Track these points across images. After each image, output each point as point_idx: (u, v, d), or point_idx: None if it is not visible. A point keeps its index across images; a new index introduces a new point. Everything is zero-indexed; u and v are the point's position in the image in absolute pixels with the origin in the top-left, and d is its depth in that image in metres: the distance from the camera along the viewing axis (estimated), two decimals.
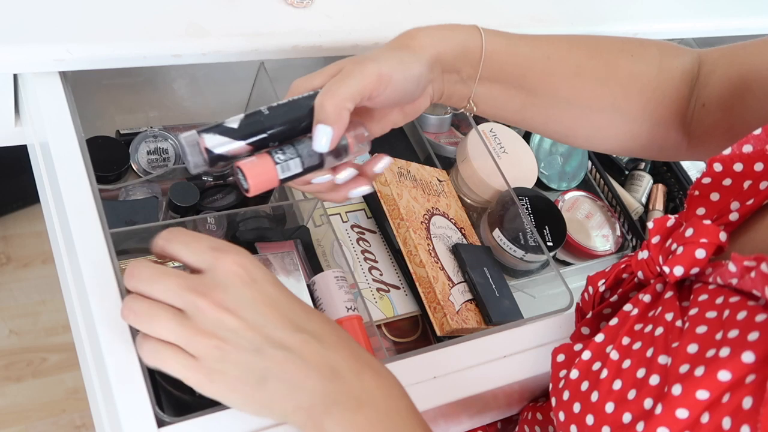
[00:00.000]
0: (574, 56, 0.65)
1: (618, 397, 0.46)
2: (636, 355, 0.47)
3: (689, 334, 0.44)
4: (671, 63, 0.67)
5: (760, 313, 0.42)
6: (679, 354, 0.44)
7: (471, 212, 0.86)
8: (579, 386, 0.49)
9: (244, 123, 0.51)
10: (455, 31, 0.62)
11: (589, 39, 0.68)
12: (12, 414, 1.32)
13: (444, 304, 0.72)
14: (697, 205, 0.55)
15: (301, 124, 0.53)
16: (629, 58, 0.66)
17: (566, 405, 0.50)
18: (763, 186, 0.52)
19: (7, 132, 0.70)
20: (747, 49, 0.64)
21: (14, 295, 1.44)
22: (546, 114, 0.67)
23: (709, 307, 0.45)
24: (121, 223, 0.71)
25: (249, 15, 0.68)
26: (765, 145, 0.52)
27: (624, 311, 0.52)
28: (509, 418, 0.69)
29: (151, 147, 0.79)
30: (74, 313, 0.59)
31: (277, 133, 0.52)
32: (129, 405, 0.49)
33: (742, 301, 0.44)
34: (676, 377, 0.43)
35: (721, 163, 0.53)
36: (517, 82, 0.64)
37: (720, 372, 0.40)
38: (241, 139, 0.51)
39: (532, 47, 0.64)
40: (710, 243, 0.48)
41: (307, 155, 0.53)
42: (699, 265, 0.49)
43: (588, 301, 0.59)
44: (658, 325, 0.48)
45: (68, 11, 0.61)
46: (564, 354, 0.55)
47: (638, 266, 0.54)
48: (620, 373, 0.47)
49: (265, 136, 0.52)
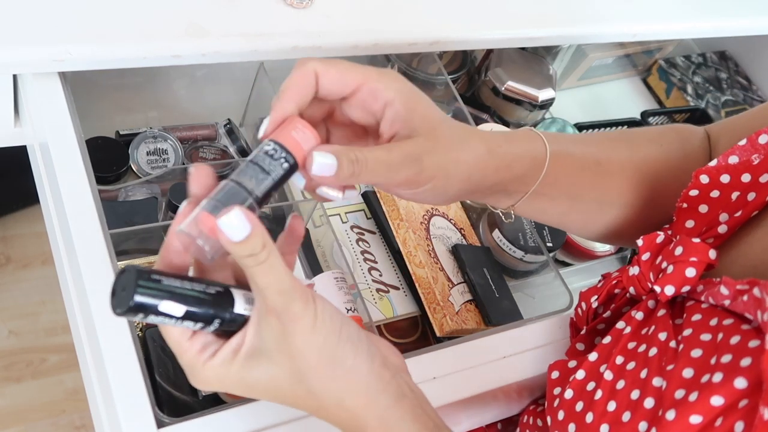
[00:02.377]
0: (617, 154, 0.61)
1: (612, 419, 0.46)
2: (630, 375, 0.48)
3: (684, 358, 0.44)
4: (692, 144, 0.65)
5: (753, 339, 0.42)
6: (674, 378, 0.44)
7: (471, 213, 0.86)
8: (574, 406, 0.50)
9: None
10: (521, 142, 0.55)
11: (622, 134, 0.65)
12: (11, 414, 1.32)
13: (443, 305, 0.72)
14: (686, 217, 0.54)
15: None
16: (658, 147, 0.63)
17: (561, 425, 0.50)
18: (751, 197, 0.52)
19: (7, 132, 0.70)
20: (747, 118, 0.63)
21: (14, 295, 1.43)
22: (587, 217, 0.63)
23: (703, 329, 0.45)
24: (120, 223, 0.71)
25: (249, 15, 0.68)
26: (751, 155, 0.52)
27: (617, 329, 0.52)
28: (509, 418, 0.69)
29: (151, 147, 0.79)
30: (74, 313, 0.59)
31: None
32: (128, 406, 0.49)
33: (735, 325, 0.44)
34: (672, 402, 0.43)
35: (707, 175, 0.53)
36: (566, 192, 0.59)
37: (713, 397, 0.41)
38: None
39: (584, 151, 0.59)
40: (700, 261, 0.49)
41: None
42: (690, 284, 0.49)
43: (582, 317, 0.59)
44: (652, 346, 0.48)
45: (68, 12, 0.61)
46: (558, 371, 0.55)
47: (629, 282, 0.54)
48: (614, 394, 0.47)
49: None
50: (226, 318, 0.42)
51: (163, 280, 0.40)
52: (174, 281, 0.40)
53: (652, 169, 0.61)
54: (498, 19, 0.80)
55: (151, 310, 0.39)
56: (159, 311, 0.39)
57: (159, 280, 0.40)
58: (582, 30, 0.85)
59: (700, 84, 1.20)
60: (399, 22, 0.74)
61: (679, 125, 0.67)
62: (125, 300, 0.38)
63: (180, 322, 0.41)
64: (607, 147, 0.61)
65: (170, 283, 0.40)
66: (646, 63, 1.20)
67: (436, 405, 0.57)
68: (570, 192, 0.59)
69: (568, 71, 1.10)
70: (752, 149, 0.53)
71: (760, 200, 0.52)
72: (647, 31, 0.90)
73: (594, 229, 0.64)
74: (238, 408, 0.53)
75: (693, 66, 1.22)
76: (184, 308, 0.40)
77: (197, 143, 0.83)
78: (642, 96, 1.21)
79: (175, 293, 0.40)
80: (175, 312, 0.40)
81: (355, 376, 0.44)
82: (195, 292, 0.41)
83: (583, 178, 0.59)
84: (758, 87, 1.24)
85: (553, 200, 0.58)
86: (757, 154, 0.52)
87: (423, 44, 0.74)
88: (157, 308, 0.39)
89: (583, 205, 0.61)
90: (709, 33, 0.96)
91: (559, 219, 0.62)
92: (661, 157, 0.62)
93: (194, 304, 0.41)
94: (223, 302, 0.42)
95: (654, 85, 1.21)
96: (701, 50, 1.27)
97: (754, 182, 0.52)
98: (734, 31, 0.98)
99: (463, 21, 0.77)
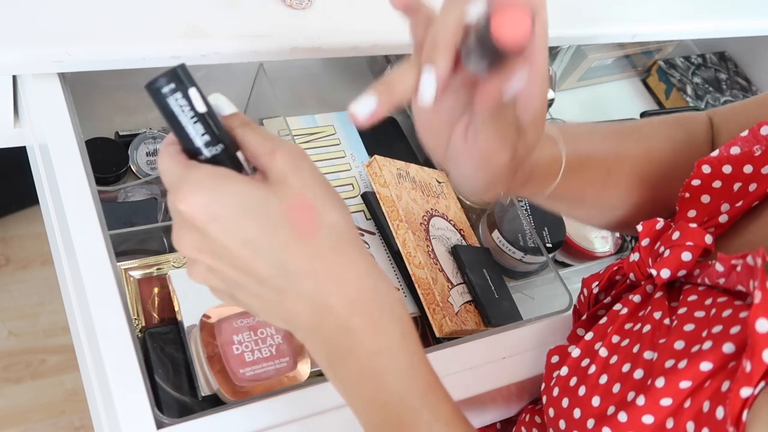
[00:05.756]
0: (627, 151, 0.62)
1: (603, 391, 0.47)
2: (623, 351, 0.48)
3: (677, 332, 0.45)
4: (697, 136, 0.65)
5: (744, 311, 0.42)
6: (665, 350, 0.45)
7: (470, 213, 0.86)
8: (568, 382, 0.50)
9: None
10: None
11: (633, 129, 0.65)
12: (11, 415, 1.32)
13: (443, 306, 0.72)
14: (688, 207, 0.55)
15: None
16: (666, 142, 0.64)
17: (555, 401, 0.50)
18: (752, 188, 0.52)
19: (7, 133, 0.70)
20: (750, 106, 0.63)
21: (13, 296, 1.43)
22: (590, 215, 0.65)
23: (697, 307, 0.46)
24: (120, 224, 0.71)
25: (248, 16, 0.68)
26: (753, 146, 0.53)
27: (614, 311, 0.53)
28: (509, 419, 0.69)
29: (150, 148, 0.79)
30: (73, 314, 0.59)
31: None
32: (128, 406, 0.49)
33: (729, 301, 0.45)
34: (661, 371, 0.43)
35: (709, 165, 0.54)
36: (572, 197, 0.60)
37: (702, 363, 0.41)
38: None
39: (596, 153, 0.60)
40: (696, 246, 0.49)
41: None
42: (685, 268, 0.50)
43: (584, 303, 0.60)
44: (647, 323, 0.49)
45: (67, 13, 0.61)
46: (558, 355, 0.55)
47: (630, 268, 0.54)
48: (607, 368, 0.48)
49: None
50: (228, 151, 0.42)
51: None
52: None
53: (659, 165, 0.62)
54: None
55: (181, 88, 0.41)
56: (187, 94, 0.41)
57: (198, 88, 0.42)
58: (581, 31, 0.85)
59: (700, 85, 1.20)
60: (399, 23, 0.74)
61: (684, 115, 0.67)
62: (167, 71, 0.41)
63: (194, 120, 0.41)
64: (618, 144, 0.62)
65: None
66: (645, 64, 1.20)
67: None
68: (576, 197, 0.60)
69: (568, 72, 1.10)
70: (754, 140, 0.53)
71: (761, 191, 0.52)
72: (647, 32, 0.90)
73: (597, 224, 0.66)
74: (237, 409, 0.53)
75: (692, 67, 1.22)
76: (205, 108, 0.42)
77: None
78: (641, 97, 1.21)
79: (204, 97, 0.42)
80: (197, 104, 0.41)
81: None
82: (218, 119, 0.43)
83: (592, 189, 0.60)
84: (758, 88, 1.24)
85: (558, 200, 0.60)
86: (758, 145, 0.53)
87: None
88: (187, 90, 0.41)
89: (588, 209, 0.63)
90: (709, 34, 0.96)
91: (563, 213, 0.64)
92: (669, 155, 0.63)
93: (214, 116, 0.42)
94: (233, 141, 0.43)
95: (653, 86, 1.21)
96: (701, 51, 1.27)
97: (756, 173, 0.52)
98: (734, 32, 0.98)
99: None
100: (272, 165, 0.41)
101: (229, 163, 0.42)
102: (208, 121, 0.42)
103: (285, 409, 0.54)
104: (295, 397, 0.55)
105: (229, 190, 0.39)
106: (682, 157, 0.63)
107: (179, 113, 0.41)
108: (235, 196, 0.39)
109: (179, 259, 0.71)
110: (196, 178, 0.39)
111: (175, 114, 0.41)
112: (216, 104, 0.43)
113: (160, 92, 0.41)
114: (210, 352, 0.61)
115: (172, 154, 0.41)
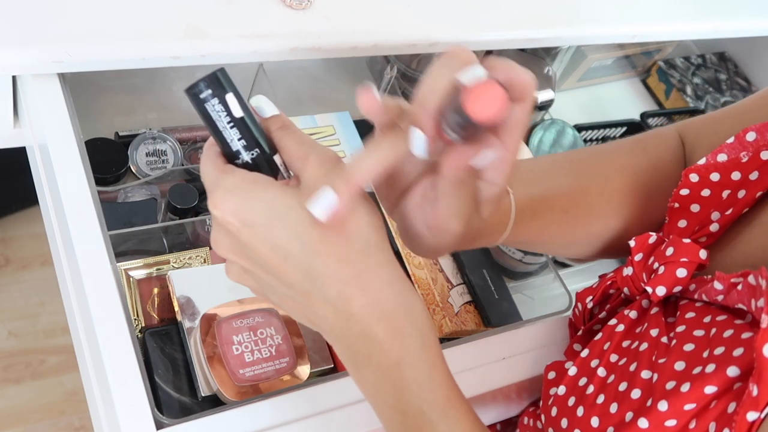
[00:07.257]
0: (583, 202, 0.60)
1: (601, 411, 0.46)
2: (620, 370, 0.48)
3: (676, 352, 0.45)
4: (665, 159, 0.62)
5: (746, 332, 0.42)
6: (665, 370, 0.44)
7: None
8: (566, 402, 0.50)
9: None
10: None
11: (592, 155, 0.63)
12: (11, 416, 1.32)
13: (443, 306, 0.72)
14: (679, 217, 0.55)
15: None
16: (633, 162, 0.62)
17: (554, 421, 0.50)
18: (741, 195, 0.52)
19: (6, 134, 0.70)
20: (721, 118, 0.62)
21: (13, 296, 1.43)
22: (552, 251, 0.65)
23: (696, 325, 0.46)
24: (120, 224, 0.71)
25: (248, 16, 0.68)
26: (739, 153, 0.53)
27: (609, 326, 0.52)
28: (509, 419, 0.69)
29: (150, 149, 0.79)
30: (73, 315, 0.59)
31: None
32: (128, 407, 0.49)
33: (729, 320, 0.44)
34: (662, 393, 0.43)
35: (697, 174, 0.54)
36: (532, 240, 0.59)
37: (707, 387, 0.41)
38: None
39: (552, 197, 0.58)
40: (691, 262, 0.49)
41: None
42: (681, 284, 0.49)
43: (579, 317, 0.59)
44: (644, 341, 0.48)
45: (67, 13, 0.61)
46: (555, 371, 0.55)
47: (623, 282, 0.54)
48: (604, 387, 0.48)
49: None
50: (265, 155, 0.43)
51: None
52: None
53: (619, 196, 0.60)
54: (497, 20, 0.80)
55: (219, 93, 0.41)
56: (224, 99, 0.41)
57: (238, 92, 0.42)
58: (581, 31, 0.85)
59: (700, 85, 1.20)
60: (398, 23, 0.74)
61: (650, 136, 0.65)
62: (207, 75, 0.41)
63: (231, 125, 0.42)
64: (575, 179, 0.60)
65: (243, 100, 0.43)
66: (645, 64, 1.20)
67: None
68: (534, 240, 0.59)
69: (568, 72, 1.10)
70: (740, 147, 0.53)
71: (750, 197, 0.52)
72: (647, 33, 0.90)
73: (567, 257, 0.65)
74: (237, 409, 0.53)
75: (692, 67, 1.22)
76: (242, 113, 0.42)
77: (196, 144, 0.83)
78: (641, 97, 1.21)
79: (243, 101, 0.42)
80: (234, 109, 0.42)
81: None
82: (256, 123, 0.43)
83: (549, 231, 0.58)
84: (758, 88, 1.24)
85: (514, 244, 0.61)
86: (745, 151, 0.53)
87: (422, 45, 0.74)
88: (224, 95, 0.41)
89: (549, 248, 0.64)
90: (709, 34, 0.96)
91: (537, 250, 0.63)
92: (629, 186, 0.61)
93: (251, 120, 0.43)
94: (271, 145, 0.44)
95: (653, 87, 1.21)
96: (700, 51, 1.27)
97: (744, 179, 0.52)
98: (733, 33, 0.98)
99: (462, 22, 0.77)
100: (304, 170, 0.42)
101: (265, 166, 0.43)
102: (244, 126, 0.42)
103: (285, 409, 0.54)
104: (295, 397, 0.55)
105: (259, 197, 0.40)
106: (642, 187, 0.61)
107: (216, 118, 0.42)
108: (264, 203, 0.40)
109: (179, 259, 0.71)
110: (229, 184, 0.41)
111: (212, 118, 0.42)
112: (257, 106, 0.44)
113: (198, 97, 0.41)
114: (210, 353, 0.61)
115: (211, 156, 0.43)
